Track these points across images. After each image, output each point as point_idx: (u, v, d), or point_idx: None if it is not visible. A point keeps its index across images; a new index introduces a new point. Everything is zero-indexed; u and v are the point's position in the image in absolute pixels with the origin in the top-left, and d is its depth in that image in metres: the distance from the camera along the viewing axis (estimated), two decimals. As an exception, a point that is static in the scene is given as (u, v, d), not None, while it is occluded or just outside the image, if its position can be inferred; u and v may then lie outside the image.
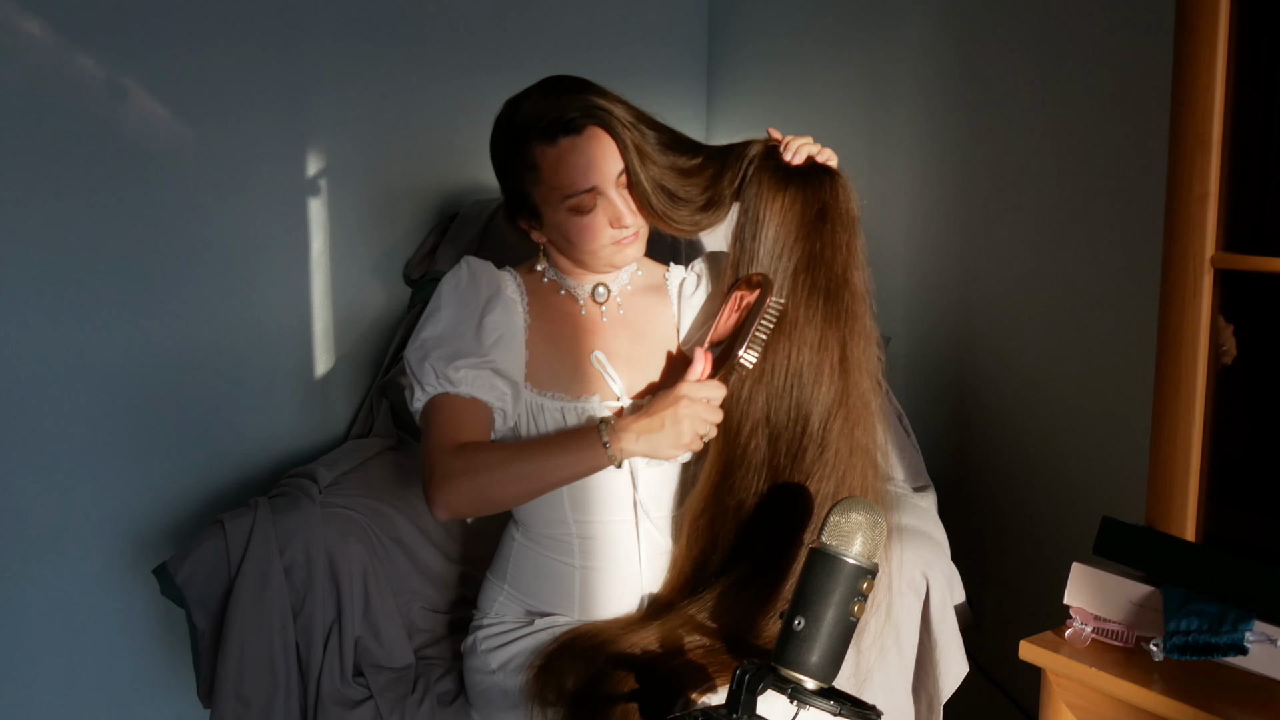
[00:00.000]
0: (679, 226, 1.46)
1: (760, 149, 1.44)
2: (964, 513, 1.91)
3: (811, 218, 1.38)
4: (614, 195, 1.41)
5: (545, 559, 1.50)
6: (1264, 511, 1.27)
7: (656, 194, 1.42)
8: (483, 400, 1.40)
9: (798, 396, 1.36)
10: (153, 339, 1.84)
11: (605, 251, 1.45)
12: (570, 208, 1.41)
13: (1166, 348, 1.25)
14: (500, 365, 1.42)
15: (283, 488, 1.64)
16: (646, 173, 1.41)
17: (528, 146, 1.41)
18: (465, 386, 1.39)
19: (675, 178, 1.43)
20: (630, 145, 1.40)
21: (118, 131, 1.77)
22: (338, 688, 1.51)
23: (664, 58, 2.40)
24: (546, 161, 1.40)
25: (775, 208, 1.39)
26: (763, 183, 1.41)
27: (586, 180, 1.39)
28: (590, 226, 1.42)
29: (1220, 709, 1.13)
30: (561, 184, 1.40)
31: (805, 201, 1.39)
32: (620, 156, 1.40)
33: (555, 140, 1.38)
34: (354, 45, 1.99)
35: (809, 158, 1.42)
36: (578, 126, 1.38)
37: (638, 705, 1.24)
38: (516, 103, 1.44)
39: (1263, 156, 1.21)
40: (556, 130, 1.38)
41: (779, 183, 1.40)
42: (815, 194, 1.39)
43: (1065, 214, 1.77)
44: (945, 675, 1.47)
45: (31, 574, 1.79)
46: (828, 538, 1.09)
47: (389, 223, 2.07)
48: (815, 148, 1.43)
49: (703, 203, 1.45)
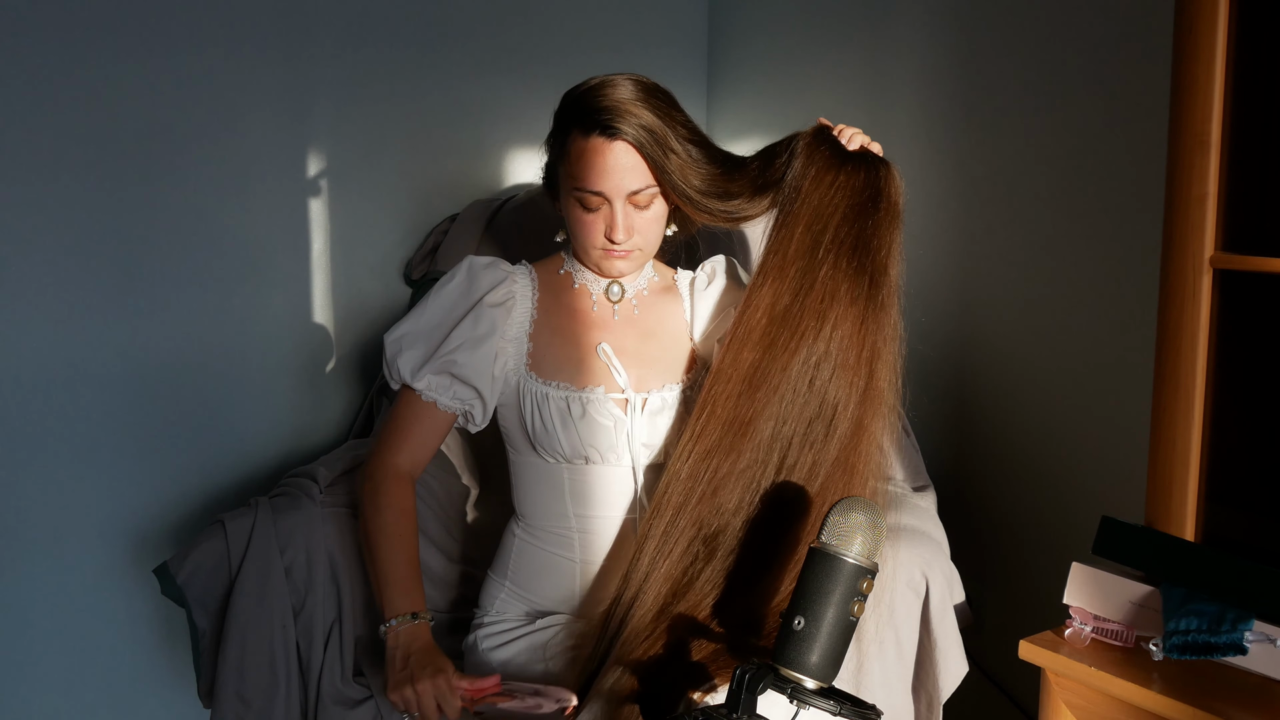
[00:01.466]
0: (742, 213, 1.47)
1: (810, 131, 1.46)
2: (964, 513, 1.91)
3: (863, 201, 1.40)
4: (618, 207, 1.42)
5: (546, 554, 1.51)
6: (1264, 511, 1.27)
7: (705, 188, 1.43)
8: (441, 406, 1.47)
9: (822, 373, 1.37)
10: (153, 339, 1.84)
11: (595, 254, 1.47)
12: (577, 199, 1.43)
13: (1166, 348, 1.25)
14: (462, 371, 1.46)
15: (283, 487, 1.64)
16: (686, 175, 1.42)
17: (569, 125, 1.43)
18: (428, 392, 1.47)
19: (722, 180, 1.44)
20: (665, 161, 1.40)
21: (118, 131, 1.77)
22: (338, 687, 1.51)
23: (664, 58, 2.40)
24: (574, 148, 1.42)
25: (826, 182, 1.40)
26: (814, 160, 1.42)
27: (597, 183, 1.41)
28: (588, 224, 1.44)
29: (1220, 709, 1.13)
30: (575, 175, 1.42)
31: (859, 183, 1.41)
32: (650, 175, 1.42)
33: (589, 135, 1.40)
34: (355, 46, 1.99)
35: (863, 146, 1.44)
36: (613, 133, 1.39)
37: (638, 706, 1.24)
38: (594, 81, 1.44)
39: (1262, 156, 1.21)
40: (594, 127, 1.40)
41: (832, 161, 1.42)
42: (870, 179, 1.41)
43: (1065, 214, 1.77)
44: (945, 675, 1.47)
45: (32, 574, 1.79)
46: (828, 537, 1.09)
47: (389, 223, 2.07)
48: (867, 138, 1.46)
49: (757, 188, 1.45)
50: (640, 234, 1.45)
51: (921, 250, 2.01)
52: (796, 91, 2.25)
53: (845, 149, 1.44)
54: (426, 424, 1.49)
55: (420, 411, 1.48)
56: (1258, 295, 1.23)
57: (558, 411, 1.46)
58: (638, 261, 1.50)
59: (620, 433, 1.46)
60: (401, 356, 1.47)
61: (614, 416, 1.46)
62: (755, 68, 2.35)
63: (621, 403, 1.47)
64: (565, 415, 1.45)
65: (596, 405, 1.46)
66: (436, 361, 1.46)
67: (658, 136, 1.40)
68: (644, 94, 1.41)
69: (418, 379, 1.46)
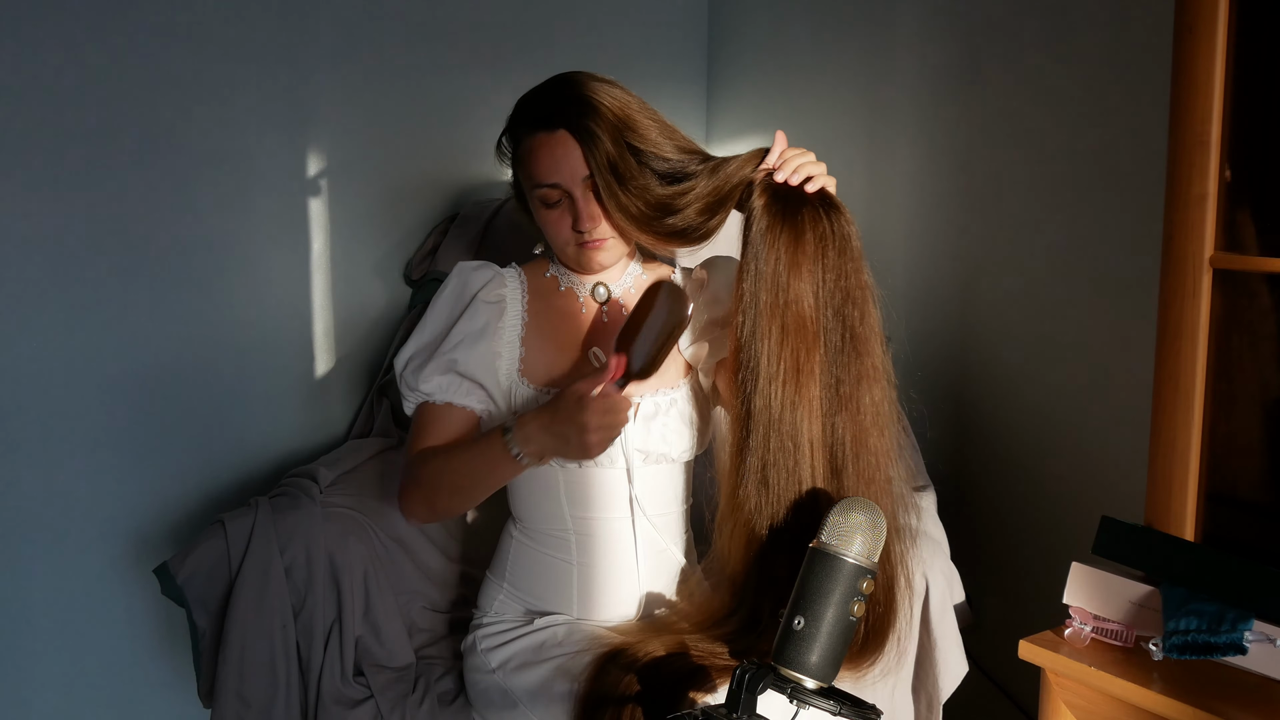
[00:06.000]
0: (658, 246, 1.45)
1: (756, 176, 1.39)
2: (964, 513, 1.92)
3: (801, 252, 1.33)
4: (578, 195, 1.42)
5: (543, 556, 1.51)
6: (1264, 511, 1.27)
7: (624, 212, 1.40)
8: (458, 404, 1.46)
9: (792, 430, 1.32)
10: (153, 339, 1.84)
11: (570, 250, 1.46)
12: (539, 198, 1.44)
13: (1166, 348, 1.26)
14: (464, 368, 1.46)
15: (283, 487, 1.64)
16: (624, 188, 1.38)
17: (517, 132, 1.45)
18: (440, 394, 1.46)
19: (652, 204, 1.39)
20: (601, 165, 1.38)
21: (118, 132, 1.77)
22: (338, 687, 1.51)
23: (664, 58, 2.40)
24: (524, 149, 1.44)
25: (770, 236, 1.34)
26: (762, 214, 1.35)
27: (551, 175, 1.41)
28: (554, 221, 1.44)
29: (1220, 709, 1.13)
30: (531, 174, 1.43)
31: (796, 235, 1.33)
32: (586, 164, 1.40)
33: (533, 132, 1.42)
34: (355, 45, 1.99)
35: (808, 179, 1.36)
36: (552, 125, 1.40)
37: (639, 706, 1.24)
38: (537, 85, 1.46)
39: (1262, 156, 1.21)
40: (536, 124, 1.41)
41: (778, 216, 1.34)
42: (804, 229, 1.33)
43: (1065, 214, 1.77)
44: (945, 675, 1.47)
45: (32, 574, 1.79)
46: (827, 537, 1.09)
47: (389, 223, 2.07)
48: (816, 168, 1.37)
49: (683, 227, 1.40)
50: (604, 221, 1.43)
51: (922, 250, 2.02)
52: (796, 91, 2.25)
53: (789, 192, 1.36)
54: (446, 425, 1.46)
55: (437, 415, 1.47)
56: (1258, 295, 1.23)
57: None
58: (615, 251, 1.47)
59: None
60: (407, 370, 1.47)
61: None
62: (755, 68, 2.35)
63: None
64: None
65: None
66: (438, 360, 1.45)
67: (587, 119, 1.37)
68: (566, 85, 1.41)
69: (425, 382, 1.45)
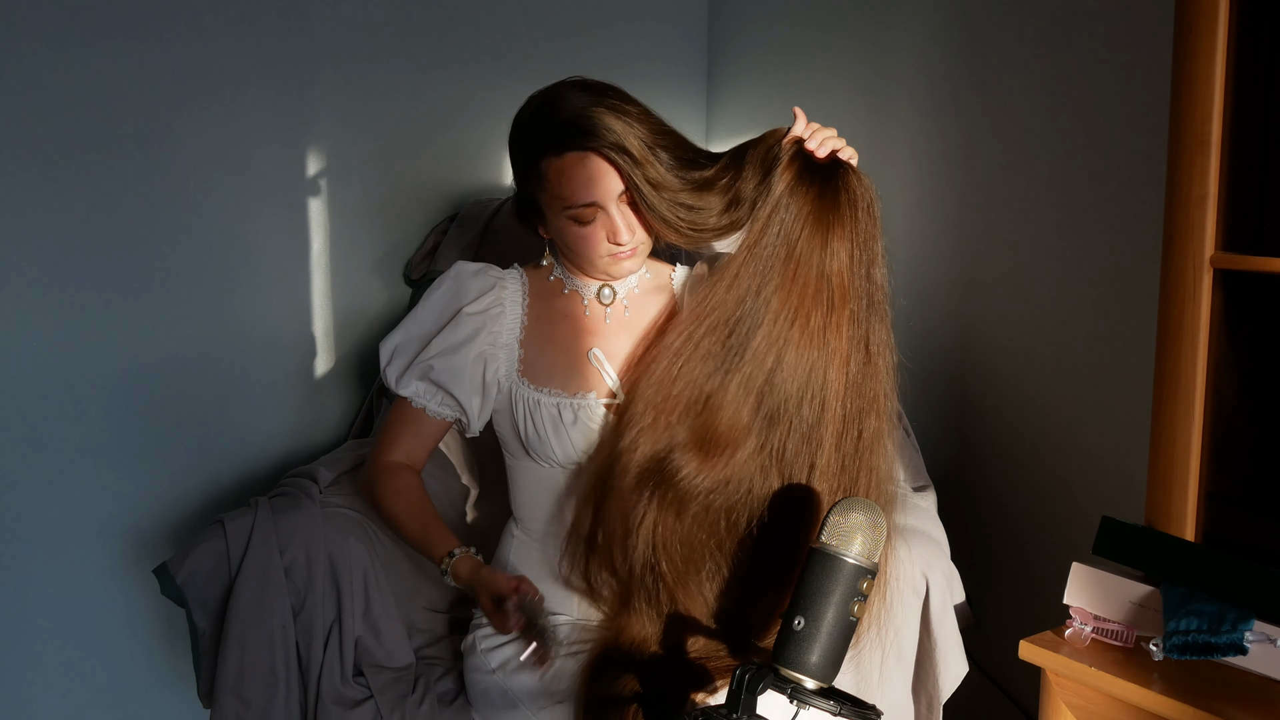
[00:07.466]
0: (704, 235, 1.44)
1: (782, 141, 1.42)
2: (964, 513, 1.92)
3: (835, 213, 1.37)
4: (614, 211, 1.41)
5: (543, 556, 1.51)
6: (1264, 511, 1.27)
7: (674, 213, 1.40)
8: (430, 413, 1.50)
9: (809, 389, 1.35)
10: (153, 339, 1.84)
11: (602, 262, 1.46)
12: (570, 217, 1.42)
13: (1166, 348, 1.25)
14: (439, 377, 1.47)
15: (283, 487, 1.64)
16: (659, 196, 1.39)
17: (536, 153, 1.41)
18: (417, 400, 1.50)
19: (692, 194, 1.41)
20: (640, 181, 1.38)
21: (118, 132, 1.77)
22: (338, 687, 1.51)
23: (664, 58, 2.40)
24: (551, 171, 1.40)
25: (798, 197, 1.37)
26: (787, 174, 1.38)
27: (587, 195, 1.39)
28: (588, 237, 1.43)
29: (1220, 709, 1.13)
30: (562, 195, 1.40)
31: (830, 197, 1.37)
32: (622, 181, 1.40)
33: (561, 154, 1.38)
34: (355, 45, 1.99)
35: (833, 152, 1.41)
36: (581, 147, 1.37)
37: (640, 706, 1.24)
38: (536, 102, 1.43)
39: (1262, 156, 1.21)
40: (561, 147, 1.38)
41: (803, 176, 1.38)
42: (839, 190, 1.38)
43: (1065, 214, 1.77)
44: (945, 675, 1.47)
45: (32, 574, 1.79)
46: (827, 537, 1.09)
47: (389, 223, 2.07)
48: (839, 142, 1.42)
49: (723, 206, 1.42)
50: (639, 228, 1.44)
51: (922, 250, 2.02)
52: (797, 90, 2.25)
53: (813, 159, 1.40)
54: (418, 428, 1.52)
55: (411, 416, 1.52)
56: (1258, 295, 1.23)
57: (549, 418, 1.45)
58: (642, 255, 1.49)
59: None
60: (391, 364, 1.50)
61: (606, 422, 1.45)
62: (755, 68, 2.35)
63: (614, 408, 1.47)
64: (557, 422, 1.45)
65: (588, 411, 1.45)
66: (416, 368, 1.48)
67: (614, 135, 1.37)
68: (594, 96, 1.39)
69: (404, 386, 1.49)
